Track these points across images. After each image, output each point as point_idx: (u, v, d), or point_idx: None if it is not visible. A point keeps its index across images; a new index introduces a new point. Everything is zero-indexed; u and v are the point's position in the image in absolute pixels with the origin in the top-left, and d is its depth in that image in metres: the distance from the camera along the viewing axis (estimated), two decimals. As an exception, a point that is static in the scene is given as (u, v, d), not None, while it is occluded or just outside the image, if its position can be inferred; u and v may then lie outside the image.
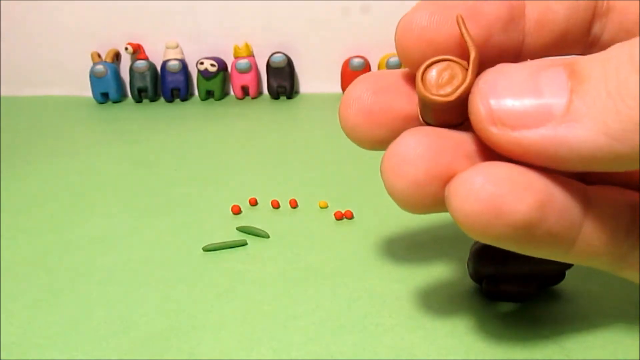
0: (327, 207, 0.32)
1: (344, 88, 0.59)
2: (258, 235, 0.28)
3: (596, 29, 0.18)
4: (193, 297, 0.24)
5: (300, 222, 0.30)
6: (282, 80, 0.61)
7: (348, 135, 0.19)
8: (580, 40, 0.18)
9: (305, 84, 0.65)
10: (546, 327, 0.21)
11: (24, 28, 0.70)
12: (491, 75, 0.15)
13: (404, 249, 0.27)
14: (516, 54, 0.18)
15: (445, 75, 0.17)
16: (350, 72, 0.59)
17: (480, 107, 0.15)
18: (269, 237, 0.28)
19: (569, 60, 0.15)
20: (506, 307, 0.22)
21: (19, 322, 0.22)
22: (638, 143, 0.13)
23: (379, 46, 0.63)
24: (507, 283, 0.22)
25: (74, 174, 0.40)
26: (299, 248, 0.27)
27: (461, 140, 0.16)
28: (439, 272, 0.25)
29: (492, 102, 0.15)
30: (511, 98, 0.15)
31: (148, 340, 0.21)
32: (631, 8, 0.17)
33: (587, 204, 0.16)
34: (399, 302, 0.23)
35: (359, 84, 0.18)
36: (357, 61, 0.61)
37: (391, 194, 0.16)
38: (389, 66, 0.58)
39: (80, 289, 0.25)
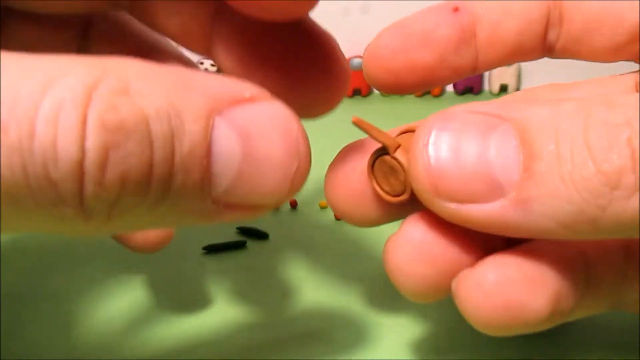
0: (327, 207, 0.32)
1: (343, 88, 0.59)
2: (258, 235, 0.28)
3: (551, 36, 0.18)
4: (193, 298, 0.24)
5: (300, 222, 0.30)
6: (282, 80, 0.61)
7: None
8: (536, 48, 0.18)
9: (305, 84, 0.65)
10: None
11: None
12: (434, 135, 0.14)
13: (404, 249, 0.27)
14: (471, 70, 0.18)
15: (386, 166, 0.16)
16: (350, 72, 0.59)
17: (423, 178, 0.14)
18: (269, 237, 0.28)
19: (519, 118, 0.13)
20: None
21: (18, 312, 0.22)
22: (591, 233, 0.13)
23: (379, 46, 0.63)
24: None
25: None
26: (299, 248, 0.27)
27: (460, 235, 0.15)
28: (439, 272, 0.25)
29: (436, 171, 0.14)
30: (458, 169, 0.13)
31: (148, 340, 0.21)
32: (576, 17, 0.17)
33: (588, 271, 0.16)
34: (399, 302, 0.23)
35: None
36: (357, 61, 0.61)
37: (395, 285, 0.16)
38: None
39: (79, 288, 0.25)
